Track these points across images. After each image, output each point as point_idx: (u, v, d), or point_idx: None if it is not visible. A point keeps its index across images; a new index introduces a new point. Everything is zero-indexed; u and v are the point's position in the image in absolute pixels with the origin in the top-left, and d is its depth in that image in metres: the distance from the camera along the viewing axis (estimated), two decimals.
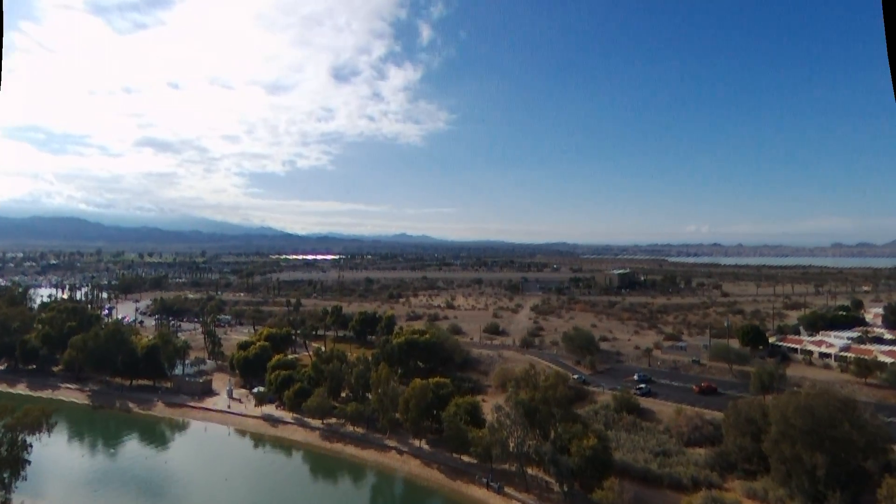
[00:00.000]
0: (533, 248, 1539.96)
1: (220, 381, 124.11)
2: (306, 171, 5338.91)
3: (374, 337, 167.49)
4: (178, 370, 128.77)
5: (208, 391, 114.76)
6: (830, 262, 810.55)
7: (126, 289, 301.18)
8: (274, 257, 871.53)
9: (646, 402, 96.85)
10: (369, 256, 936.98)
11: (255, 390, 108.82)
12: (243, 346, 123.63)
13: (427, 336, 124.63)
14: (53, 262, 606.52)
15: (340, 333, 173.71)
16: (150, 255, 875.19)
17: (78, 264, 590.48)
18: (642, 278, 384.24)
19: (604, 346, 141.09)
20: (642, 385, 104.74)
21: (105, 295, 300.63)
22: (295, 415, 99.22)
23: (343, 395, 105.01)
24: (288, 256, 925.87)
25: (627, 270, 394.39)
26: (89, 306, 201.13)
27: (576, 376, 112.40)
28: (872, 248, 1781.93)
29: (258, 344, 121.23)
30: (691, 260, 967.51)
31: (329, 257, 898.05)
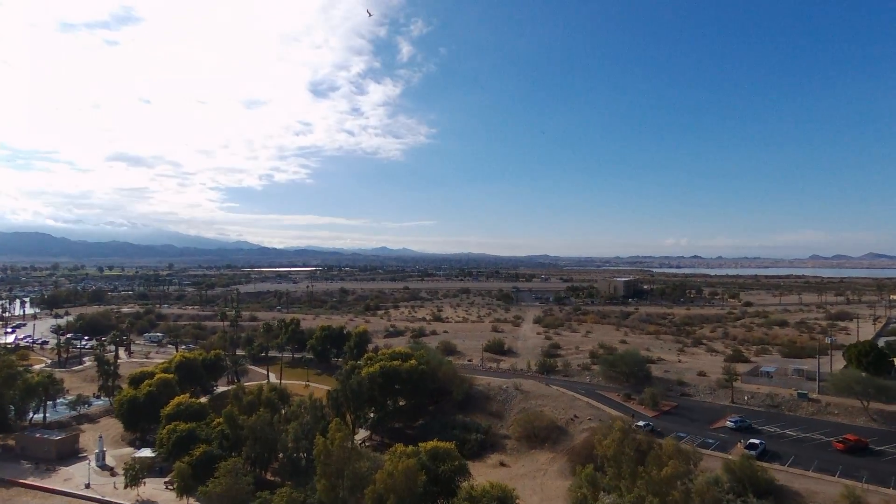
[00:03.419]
0: (515, 261, 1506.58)
1: (104, 434, 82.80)
2: (284, 185, 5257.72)
3: (339, 360, 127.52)
4: (49, 414, 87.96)
5: (70, 453, 73.38)
6: (811, 273, 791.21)
7: (53, 303, 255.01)
8: (246, 270, 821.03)
9: (775, 472, 58.56)
10: (348, 268, 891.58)
11: (138, 454, 67.96)
12: (135, 379, 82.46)
13: (412, 362, 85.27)
14: None
15: (298, 355, 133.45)
16: (111, 268, 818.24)
17: (23, 278, 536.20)
18: (646, 287, 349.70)
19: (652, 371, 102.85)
20: (755, 441, 66.30)
21: (29, 310, 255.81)
22: (192, 502, 58.72)
23: (281, 459, 64.83)
24: (262, 269, 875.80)
25: (631, 278, 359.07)
26: None
27: (641, 423, 73.89)
28: (849, 260, 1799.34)
29: (157, 377, 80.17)
30: (674, 271, 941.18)
31: (305, 269, 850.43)
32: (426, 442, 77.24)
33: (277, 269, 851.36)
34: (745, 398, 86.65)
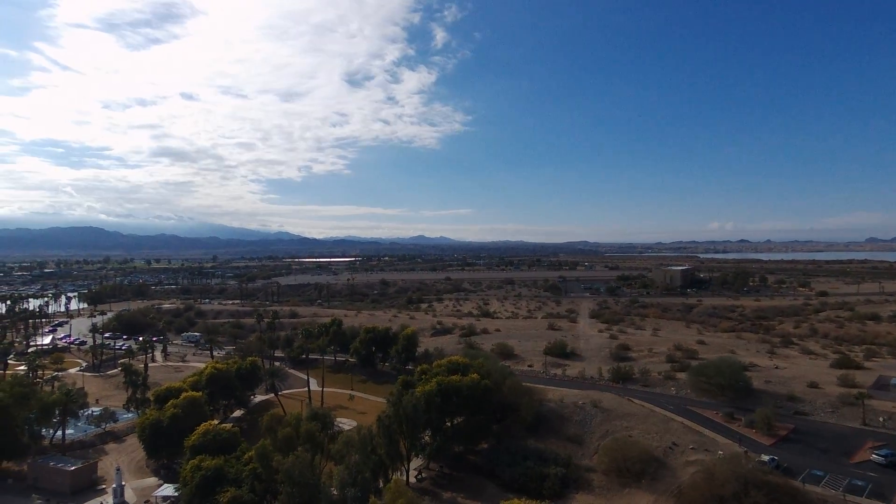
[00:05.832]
0: (553, 248, 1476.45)
1: (128, 458, 73.88)
2: (322, 175, 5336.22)
3: (385, 364, 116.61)
4: (72, 430, 79.86)
5: (87, 485, 64.39)
6: (871, 256, 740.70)
7: (97, 299, 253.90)
8: (287, 261, 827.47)
9: None
10: (387, 258, 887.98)
11: (159, 492, 58.04)
12: (161, 397, 72.91)
13: (473, 376, 72.98)
14: (49, 270, 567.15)
15: (341, 357, 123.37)
16: (158, 261, 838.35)
17: (75, 272, 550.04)
18: (703, 276, 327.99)
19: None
20: None
21: (74, 306, 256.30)
22: None
23: None
24: (302, 260, 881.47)
25: (688, 267, 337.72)
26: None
27: (765, 458, 59.56)
28: None
29: (183, 396, 70.28)
30: (722, 256, 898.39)
31: (344, 260, 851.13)
32: (495, 473, 66.13)
33: (318, 260, 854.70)
34: (881, 420, 70.86)
